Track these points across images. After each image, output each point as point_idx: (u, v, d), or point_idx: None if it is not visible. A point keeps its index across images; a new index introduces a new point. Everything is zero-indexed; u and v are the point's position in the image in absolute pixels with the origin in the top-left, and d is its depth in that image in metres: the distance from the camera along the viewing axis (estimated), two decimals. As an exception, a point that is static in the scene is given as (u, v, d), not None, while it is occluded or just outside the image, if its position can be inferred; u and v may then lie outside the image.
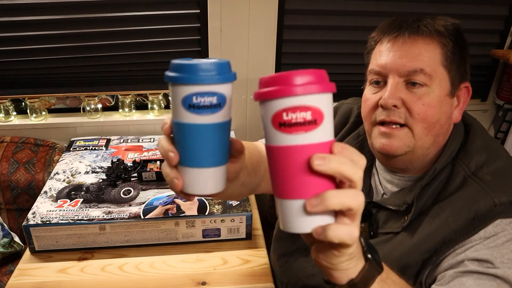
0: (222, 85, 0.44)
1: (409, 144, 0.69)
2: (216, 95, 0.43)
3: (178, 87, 0.43)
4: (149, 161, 1.16)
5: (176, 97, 0.43)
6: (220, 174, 0.47)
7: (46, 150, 1.36)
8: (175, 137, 0.46)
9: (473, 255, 0.63)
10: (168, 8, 1.29)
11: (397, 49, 0.68)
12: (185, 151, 0.45)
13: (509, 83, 1.52)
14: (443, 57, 0.67)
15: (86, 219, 0.95)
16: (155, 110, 1.48)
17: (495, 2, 1.41)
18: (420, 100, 0.67)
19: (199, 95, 0.43)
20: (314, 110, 0.40)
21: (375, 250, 0.51)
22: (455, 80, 0.69)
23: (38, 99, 1.40)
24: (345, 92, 1.55)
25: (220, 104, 0.44)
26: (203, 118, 0.43)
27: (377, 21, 0.75)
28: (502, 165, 0.69)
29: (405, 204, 0.71)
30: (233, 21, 1.31)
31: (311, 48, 1.43)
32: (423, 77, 0.66)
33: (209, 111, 0.43)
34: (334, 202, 0.40)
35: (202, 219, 0.99)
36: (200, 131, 0.44)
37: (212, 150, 0.45)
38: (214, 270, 0.94)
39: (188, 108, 0.43)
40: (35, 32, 1.27)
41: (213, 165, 0.46)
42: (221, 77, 0.43)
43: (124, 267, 0.94)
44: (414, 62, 0.66)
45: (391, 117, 0.68)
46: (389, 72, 0.68)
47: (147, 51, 1.35)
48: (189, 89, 0.42)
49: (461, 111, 0.72)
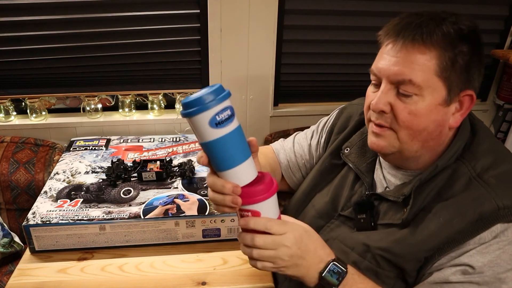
0: (228, 99, 0.58)
1: (394, 145, 0.71)
2: (229, 108, 0.58)
3: (202, 115, 0.56)
4: (149, 161, 1.16)
5: (202, 123, 0.57)
6: (252, 162, 0.62)
7: (46, 150, 1.37)
8: (211, 154, 0.60)
9: (465, 260, 0.66)
10: (168, 8, 1.29)
11: (393, 55, 0.68)
12: (224, 158, 0.60)
13: (509, 83, 1.52)
14: (438, 67, 0.66)
15: (86, 219, 0.96)
16: (155, 110, 1.48)
17: (495, 2, 1.41)
18: (406, 108, 0.68)
19: (219, 113, 0.57)
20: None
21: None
22: (454, 88, 0.67)
23: (38, 99, 1.40)
24: (344, 92, 1.57)
25: (233, 113, 0.59)
26: (227, 128, 0.58)
27: (377, 21, 0.75)
28: (508, 169, 0.70)
29: (402, 196, 0.73)
30: (233, 21, 1.31)
31: (311, 48, 1.43)
32: (411, 87, 0.66)
33: (229, 121, 0.58)
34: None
35: (202, 219, 0.99)
36: (230, 138, 0.58)
37: (242, 147, 0.61)
38: (214, 270, 0.94)
39: (215, 126, 0.57)
40: (35, 32, 1.27)
41: (246, 158, 0.61)
42: (226, 94, 0.58)
43: (124, 267, 0.94)
44: (405, 71, 0.66)
45: (378, 120, 0.71)
46: (382, 77, 0.70)
47: (147, 51, 1.35)
48: (211, 112, 0.56)
49: (461, 116, 0.71)
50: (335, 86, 1.55)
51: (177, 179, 1.13)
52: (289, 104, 1.54)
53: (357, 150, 0.86)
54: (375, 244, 0.74)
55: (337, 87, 1.55)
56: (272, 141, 1.46)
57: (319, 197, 0.90)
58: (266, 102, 1.47)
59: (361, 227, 0.79)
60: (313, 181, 0.92)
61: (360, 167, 0.84)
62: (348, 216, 0.82)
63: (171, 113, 1.48)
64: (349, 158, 0.86)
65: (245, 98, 1.45)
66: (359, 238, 0.77)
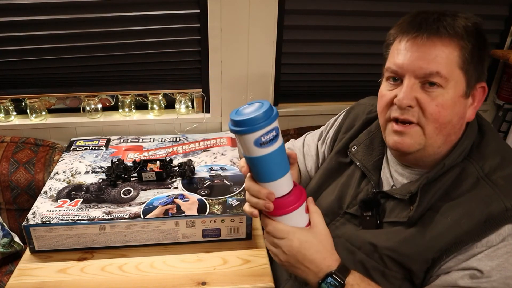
0: (275, 121, 0.61)
1: (420, 142, 0.71)
2: (274, 129, 0.61)
3: (249, 135, 0.60)
4: (149, 161, 1.16)
5: (248, 141, 0.61)
6: (288, 177, 0.67)
7: (46, 150, 1.37)
8: (252, 167, 0.65)
9: (473, 264, 0.66)
10: (168, 8, 1.29)
11: (415, 50, 0.68)
12: (264, 173, 0.64)
13: (509, 83, 1.52)
14: (460, 60, 0.67)
15: (86, 219, 0.95)
16: (155, 110, 1.48)
17: (495, 2, 1.41)
18: (434, 100, 0.68)
19: (265, 134, 0.60)
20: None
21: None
22: (471, 80, 0.69)
23: (38, 99, 1.40)
24: (345, 92, 1.57)
25: (278, 134, 0.62)
26: (271, 148, 0.62)
27: (377, 21, 0.75)
28: None
29: (409, 193, 0.73)
30: (233, 21, 1.31)
31: (311, 48, 1.43)
32: (439, 79, 0.67)
33: (273, 142, 0.62)
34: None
35: (202, 219, 0.99)
36: (272, 156, 0.62)
37: (281, 165, 0.65)
38: (214, 270, 0.94)
39: (260, 146, 0.61)
40: (35, 32, 1.27)
41: (283, 175, 0.65)
42: (274, 117, 0.60)
43: (124, 267, 0.94)
44: (431, 64, 0.67)
45: (404, 116, 0.70)
46: (406, 73, 0.69)
47: (147, 51, 1.35)
48: (258, 134, 0.60)
49: (475, 110, 0.72)
50: (335, 86, 1.55)
51: (177, 179, 1.13)
52: (289, 104, 1.54)
53: (364, 148, 0.86)
54: (382, 243, 0.74)
55: (337, 87, 1.55)
56: (272, 141, 1.48)
57: (325, 195, 0.90)
58: (266, 102, 1.47)
59: (366, 225, 0.79)
60: (320, 179, 0.92)
61: (366, 165, 0.84)
62: (353, 213, 0.82)
63: (171, 113, 1.48)
64: (356, 156, 0.86)
65: (245, 98, 1.45)
66: (366, 237, 0.77)
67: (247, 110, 0.62)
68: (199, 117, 1.48)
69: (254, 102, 0.63)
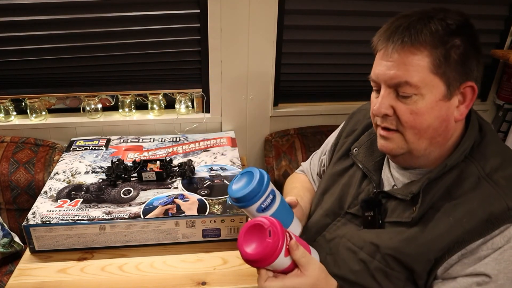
0: (269, 187, 0.73)
1: (403, 146, 0.73)
2: (270, 193, 0.73)
3: (251, 207, 0.72)
4: (149, 161, 1.16)
5: (251, 211, 0.73)
6: (297, 221, 0.80)
7: (46, 150, 1.37)
8: None
9: (481, 269, 0.66)
10: (168, 8, 1.29)
11: (386, 59, 0.69)
12: None
13: (509, 83, 1.52)
14: (432, 65, 0.67)
15: (86, 219, 0.96)
16: (155, 110, 1.48)
17: (495, 2, 1.41)
18: (408, 109, 0.69)
19: (264, 201, 0.72)
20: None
21: None
22: (453, 82, 0.68)
23: (38, 99, 1.40)
24: (344, 92, 1.57)
25: (274, 195, 0.74)
26: (272, 209, 0.73)
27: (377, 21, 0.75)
28: None
29: (411, 194, 0.73)
30: (233, 21, 1.31)
31: (311, 48, 1.43)
32: (409, 88, 0.67)
33: (272, 203, 0.73)
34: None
35: (202, 219, 0.99)
36: (276, 215, 0.73)
37: (284, 217, 0.75)
38: (214, 270, 0.94)
39: (261, 211, 0.72)
40: (35, 32, 1.27)
41: (291, 222, 0.78)
42: (267, 183, 0.72)
43: (124, 267, 0.94)
44: (400, 74, 0.67)
45: (384, 124, 0.73)
46: (381, 82, 0.71)
47: (147, 51, 1.35)
48: (257, 204, 0.72)
49: (466, 108, 0.71)
50: (335, 86, 1.55)
51: (177, 179, 1.13)
52: (289, 104, 1.54)
53: (365, 149, 0.87)
54: (384, 243, 0.74)
55: (337, 87, 1.55)
56: (272, 141, 1.50)
57: (328, 196, 0.91)
58: (266, 102, 1.48)
59: (368, 225, 0.79)
60: (324, 184, 0.94)
61: (367, 165, 0.85)
62: (355, 213, 0.83)
63: (171, 113, 1.49)
64: (357, 157, 0.87)
65: (245, 98, 1.45)
66: (367, 237, 0.77)
67: (241, 183, 0.73)
68: (199, 117, 1.48)
69: (244, 172, 0.74)
